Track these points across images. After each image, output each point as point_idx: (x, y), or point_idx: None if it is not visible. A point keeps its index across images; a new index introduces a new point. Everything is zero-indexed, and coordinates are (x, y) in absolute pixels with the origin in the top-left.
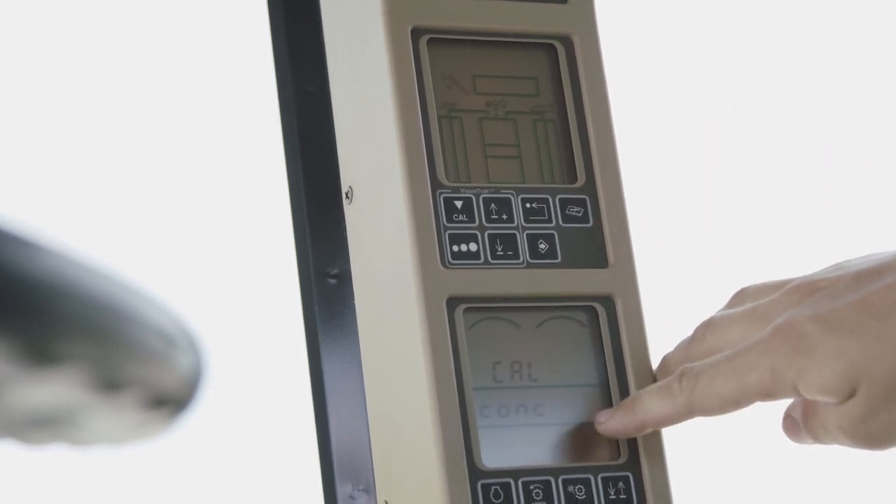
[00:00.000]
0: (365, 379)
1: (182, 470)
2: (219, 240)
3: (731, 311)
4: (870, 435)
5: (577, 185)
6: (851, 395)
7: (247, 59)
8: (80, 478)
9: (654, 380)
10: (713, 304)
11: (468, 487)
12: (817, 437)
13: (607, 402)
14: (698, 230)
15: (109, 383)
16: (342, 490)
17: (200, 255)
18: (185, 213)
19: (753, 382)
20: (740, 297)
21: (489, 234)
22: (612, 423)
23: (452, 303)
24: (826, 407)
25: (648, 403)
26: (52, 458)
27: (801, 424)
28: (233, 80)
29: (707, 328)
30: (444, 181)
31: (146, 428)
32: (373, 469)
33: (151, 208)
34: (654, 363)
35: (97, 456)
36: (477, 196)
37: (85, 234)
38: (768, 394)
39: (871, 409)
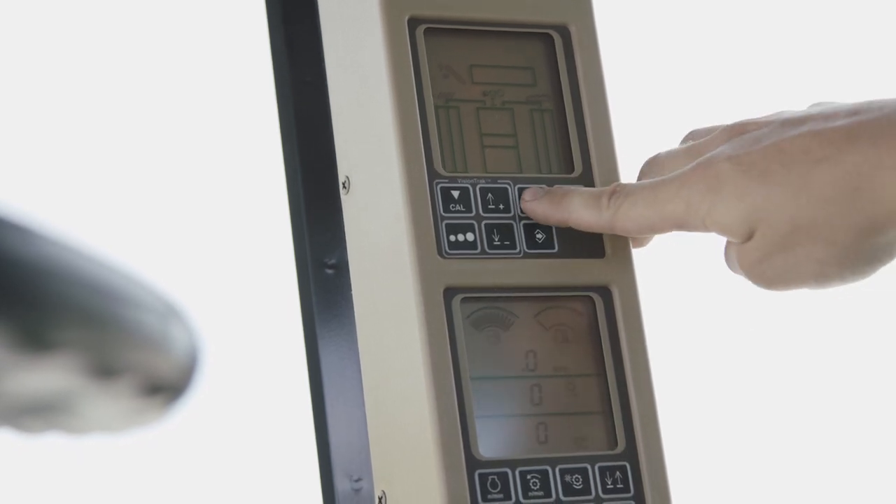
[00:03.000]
0: (362, 369)
1: (178, 458)
2: (216, 230)
3: (674, 147)
4: (765, 276)
5: (574, 174)
6: (750, 236)
7: (244, 50)
8: (76, 466)
9: (651, 369)
10: (710, 295)
11: (465, 477)
12: (732, 270)
13: (605, 392)
14: None
15: (105, 370)
16: (339, 480)
17: (198, 244)
18: (182, 203)
19: (669, 212)
20: (690, 136)
21: (486, 224)
22: (536, 205)
23: (449, 293)
24: (732, 244)
25: (576, 205)
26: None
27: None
28: (230, 70)
29: (650, 163)
30: (441, 171)
31: (142, 415)
32: (370, 459)
33: (150, 198)
34: (651, 353)
35: (93, 444)
36: (474, 186)
37: (81, 221)
38: (681, 225)
39: (767, 252)
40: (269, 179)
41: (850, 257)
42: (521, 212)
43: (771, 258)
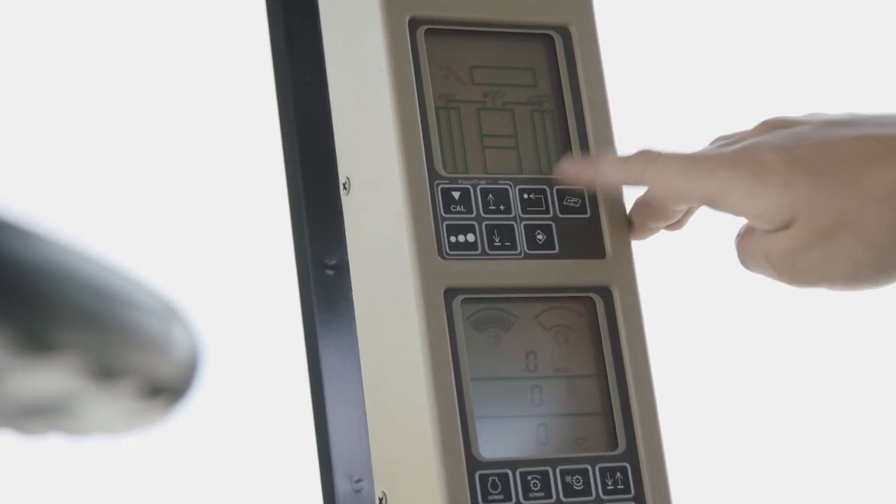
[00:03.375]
0: (363, 370)
1: (179, 460)
2: (217, 231)
3: (703, 148)
4: (794, 268)
5: None
6: (786, 226)
7: (244, 50)
8: (77, 467)
9: (651, 370)
10: (712, 295)
11: (466, 478)
12: (745, 262)
13: (605, 393)
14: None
15: (106, 371)
16: (340, 481)
17: (198, 245)
18: (183, 204)
19: (701, 186)
20: (718, 140)
21: (487, 225)
22: (568, 166)
23: (450, 294)
24: (757, 235)
25: (604, 164)
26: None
27: (735, 245)
28: (230, 70)
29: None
30: (442, 172)
31: (143, 417)
32: (370, 460)
33: (150, 199)
34: (652, 354)
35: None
36: (474, 187)
37: (82, 223)
38: (711, 202)
39: (803, 243)
40: (270, 180)
41: (887, 260)
42: (522, 212)
43: (806, 251)
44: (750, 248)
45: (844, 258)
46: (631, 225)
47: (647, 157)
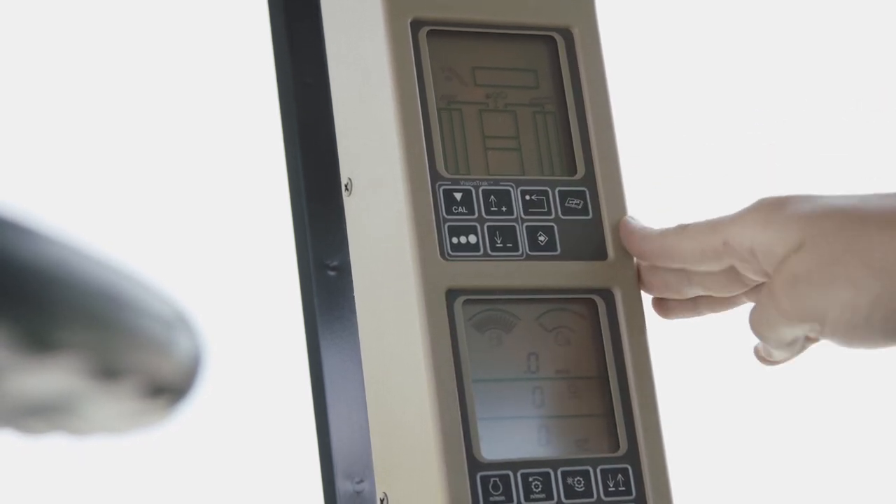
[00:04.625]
0: (364, 371)
1: (180, 460)
2: (219, 231)
3: None
4: (795, 293)
5: (577, 177)
6: (796, 249)
7: (246, 51)
8: (79, 467)
9: (653, 372)
10: None
11: (467, 479)
12: (755, 324)
13: (606, 395)
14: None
15: (108, 371)
16: (341, 482)
17: (201, 246)
18: (185, 205)
19: (724, 226)
20: None
21: (489, 226)
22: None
23: (452, 295)
24: (767, 289)
25: (646, 239)
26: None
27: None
28: (232, 72)
29: None
30: (444, 173)
31: (144, 417)
32: (371, 461)
33: (152, 199)
34: (654, 356)
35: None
36: (476, 188)
37: (85, 223)
38: (730, 241)
39: (808, 268)
40: (272, 181)
41: (888, 301)
42: (524, 214)
43: (810, 275)
44: (759, 306)
45: (846, 284)
46: (664, 305)
47: (672, 229)
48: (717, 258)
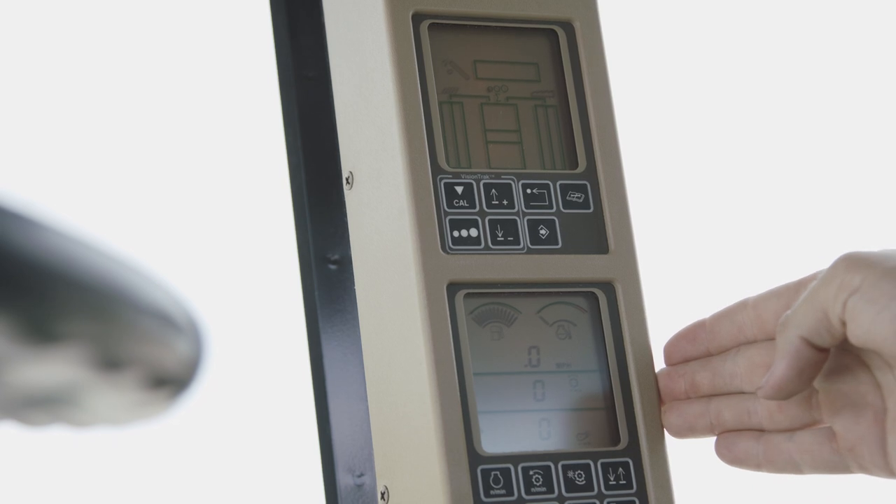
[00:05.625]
0: (365, 364)
1: (181, 452)
2: (220, 225)
3: None
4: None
5: (578, 170)
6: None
7: (247, 44)
8: (81, 458)
9: (654, 366)
10: (713, 289)
11: (468, 473)
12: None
13: (607, 388)
14: (699, 216)
15: (110, 362)
16: (342, 475)
17: (202, 239)
18: (186, 198)
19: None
20: None
21: (490, 220)
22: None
23: (453, 288)
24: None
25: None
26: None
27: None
28: (233, 65)
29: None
30: (445, 166)
31: (146, 408)
32: (372, 454)
33: (154, 193)
34: (655, 349)
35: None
36: (477, 181)
37: (88, 215)
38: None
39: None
40: (273, 175)
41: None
42: (525, 207)
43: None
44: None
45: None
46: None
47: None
48: None
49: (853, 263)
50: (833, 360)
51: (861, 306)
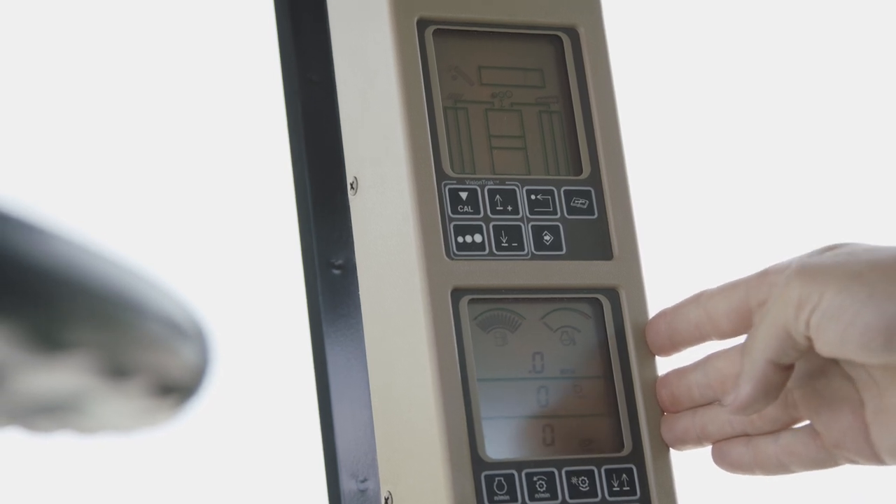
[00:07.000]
0: (369, 370)
1: (186, 458)
2: (224, 230)
3: None
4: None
5: (583, 176)
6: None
7: (252, 49)
8: (87, 465)
9: (657, 371)
10: None
11: (472, 479)
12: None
13: (611, 394)
14: (703, 222)
15: (116, 370)
16: (345, 480)
17: (206, 245)
18: (191, 204)
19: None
20: None
21: (494, 226)
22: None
23: (457, 294)
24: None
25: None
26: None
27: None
28: (238, 69)
29: None
30: (450, 172)
31: (152, 416)
32: (376, 460)
33: (159, 198)
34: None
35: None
36: (482, 187)
37: (93, 222)
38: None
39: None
40: (277, 180)
41: None
42: (529, 213)
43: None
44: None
45: (869, 298)
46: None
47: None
48: None
49: (809, 277)
50: (802, 363)
51: (825, 324)
